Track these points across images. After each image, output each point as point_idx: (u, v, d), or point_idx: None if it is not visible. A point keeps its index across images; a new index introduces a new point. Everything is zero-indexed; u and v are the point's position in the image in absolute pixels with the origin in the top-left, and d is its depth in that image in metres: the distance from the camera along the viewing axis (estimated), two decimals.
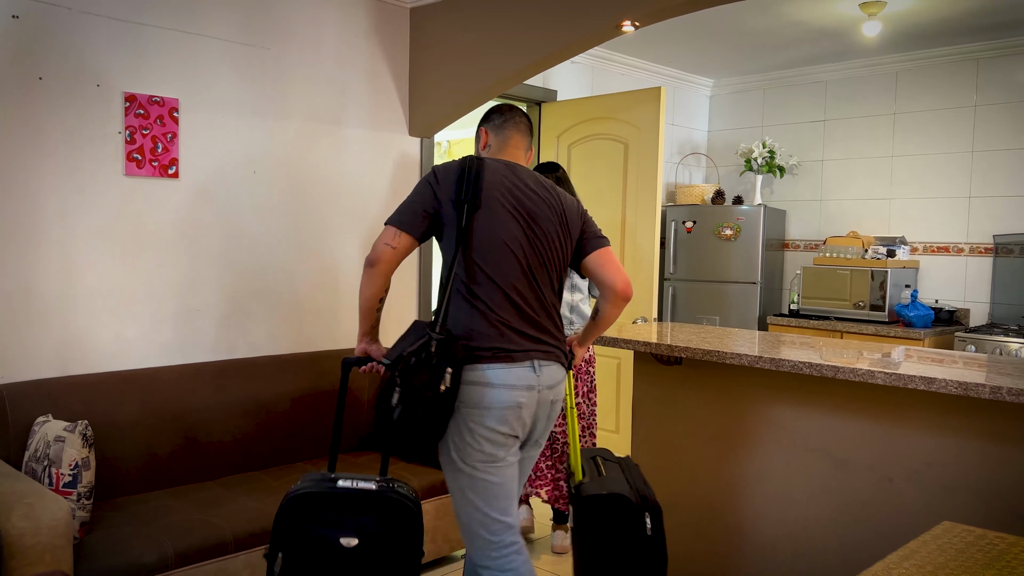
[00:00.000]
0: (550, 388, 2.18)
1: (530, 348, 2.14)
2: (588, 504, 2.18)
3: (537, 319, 2.18)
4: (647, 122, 4.12)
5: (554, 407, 2.23)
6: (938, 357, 2.57)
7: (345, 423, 3.57)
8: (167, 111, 3.14)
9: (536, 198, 2.21)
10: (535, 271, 2.19)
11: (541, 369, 2.15)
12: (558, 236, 2.23)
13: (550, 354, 2.18)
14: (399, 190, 3.99)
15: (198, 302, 3.29)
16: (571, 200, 2.31)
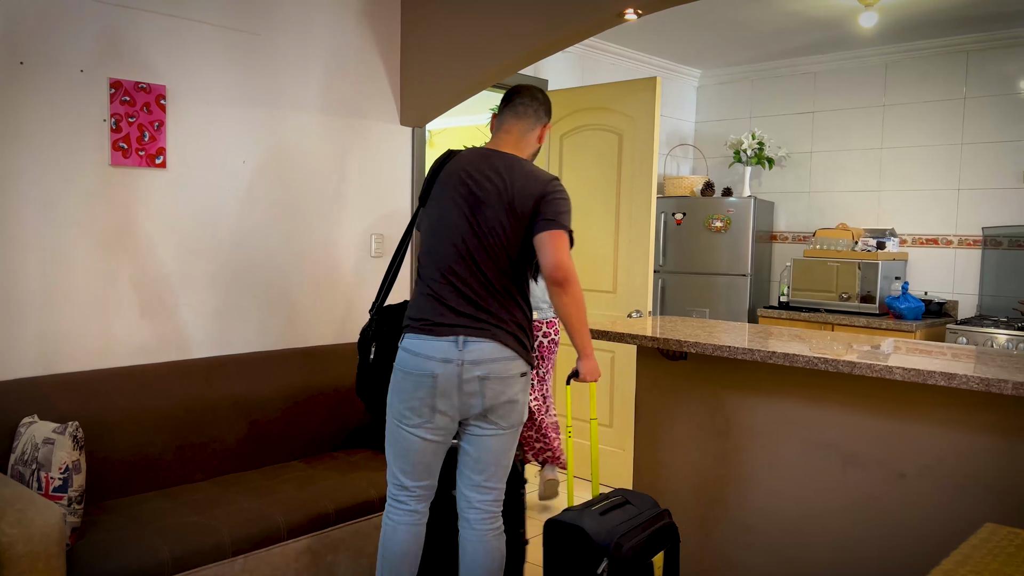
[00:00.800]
0: (475, 364, 2.28)
1: (457, 324, 2.29)
2: (548, 527, 2.27)
3: (475, 299, 2.31)
4: (642, 112, 4.07)
5: (485, 384, 2.29)
6: (945, 351, 2.55)
7: (336, 418, 3.48)
8: (154, 98, 3.02)
9: (488, 186, 2.33)
10: (475, 254, 2.32)
11: (467, 344, 2.28)
12: (500, 221, 2.31)
13: (483, 331, 2.29)
14: (391, 180, 3.90)
15: (187, 296, 3.18)
16: (529, 183, 2.32)
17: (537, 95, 2.52)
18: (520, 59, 3.54)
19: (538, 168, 2.41)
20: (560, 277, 2.27)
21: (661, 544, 2.29)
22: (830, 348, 2.53)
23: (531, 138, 2.50)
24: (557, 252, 2.27)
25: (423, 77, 3.84)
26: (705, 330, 2.91)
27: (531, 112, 2.48)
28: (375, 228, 3.84)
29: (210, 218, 3.23)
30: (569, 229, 2.32)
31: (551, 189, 2.34)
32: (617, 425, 4.26)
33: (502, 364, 2.31)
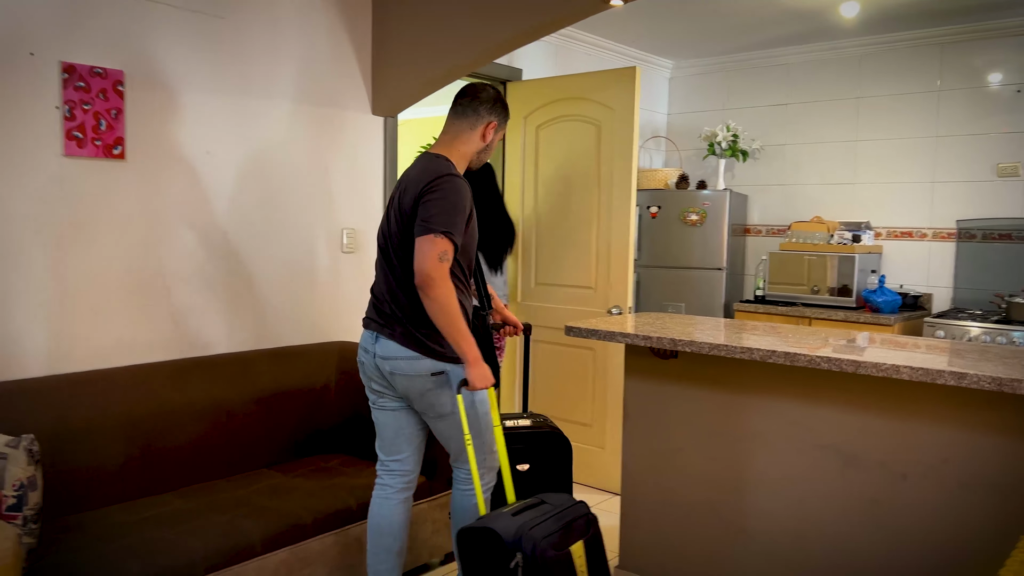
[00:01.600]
0: (384, 359, 2.45)
1: (373, 319, 2.51)
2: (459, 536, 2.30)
3: (386, 298, 2.47)
4: (622, 103, 3.96)
5: (394, 378, 2.46)
6: (943, 347, 2.49)
7: (309, 422, 3.32)
8: (111, 84, 2.82)
9: (399, 189, 2.46)
10: (389, 256, 2.47)
11: (378, 340, 2.47)
12: (394, 222, 2.44)
13: (388, 330, 2.44)
14: (363, 172, 3.73)
15: (150, 296, 2.99)
16: (414, 183, 2.38)
17: (482, 94, 2.52)
18: (498, 47, 3.40)
19: (436, 165, 2.40)
20: (419, 282, 2.30)
21: (579, 534, 2.30)
22: (830, 346, 2.45)
23: (470, 137, 2.51)
24: (420, 257, 2.29)
25: (395, 65, 3.68)
26: (697, 328, 2.81)
27: (470, 112, 2.50)
28: (347, 222, 3.68)
29: (173, 213, 3.04)
30: (441, 230, 2.29)
31: (429, 188, 2.34)
32: (597, 424, 4.16)
33: (406, 363, 2.43)
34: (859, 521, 2.47)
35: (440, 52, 3.53)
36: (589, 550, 2.32)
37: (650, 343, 2.60)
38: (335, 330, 3.66)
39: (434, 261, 2.27)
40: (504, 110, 2.57)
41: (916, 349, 2.44)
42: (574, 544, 2.27)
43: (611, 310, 4.02)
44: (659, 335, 2.60)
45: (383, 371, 2.48)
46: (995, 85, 4.51)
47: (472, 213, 2.43)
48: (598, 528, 2.42)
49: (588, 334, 2.76)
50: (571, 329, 2.84)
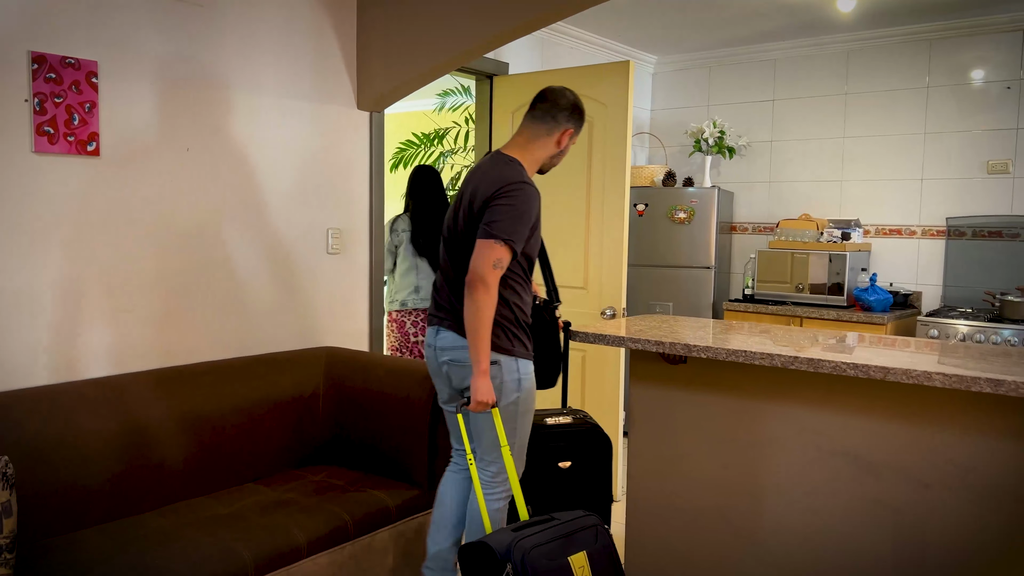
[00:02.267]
0: (442, 350, 2.55)
1: (435, 315, 2.59)
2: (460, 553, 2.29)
3: (448, 294, 2.55)
4: (614, 99, 3.85)
5: (451, 368, 2.54)
6: (959, 350, 2.42)
7: (296, 433, 3.16)
8: (84, 76, 2.63)
9: (468, 188, 2.49)
10: (451, 253, 2.54)
11: (439, 333, 2.56)
12: (461, 219, 2.48)
13: (449, 323, 2.53)
14: (348, 170, 3.57)
15: (126, 301, 2.80)
16: (486, 186, 2.41)
17: (561, 101, 2.53)
18: (488, 41, 3.27)
19: (510, 170, 2.43)
20: (470, 280, 2.37)
21: (582, 545, 2.25)
22: (854, 352, 2.37)
23: (545, 143, 2.54)
24: (477, 259, 2.35)
25: (382, 58, 3.52)
26: (707, 332, 2.71)
27: (549, 118, 2.52)
28: (331, 222, 3.52)
29: (150, 213, 2.86)
30: (502, 237, 2.34)
31: (499, 194, 2.38)
32: None
33: (463, 352, 2.48)
34: (880, 531, 2.39)
35: (429, 45, 3.38)
36: (595, 562, 2.25)
37: (662, 348, 2.50)
38: (321, 335, 3.50)
39: (488, 266, 2.33)
40: (581, 117, 2.58)
41: (935, 352, 2.36)
42: (575, 555, 2.21)
43: (604, 311, 3.92)
44: (671, 340, 2.49)
45: (440, 363, 2.57)
46: (984, 82, 4.49)
47: (538, 219, 2.49)
48: (609, 540, 2.33)
49: (595, 339, 2.64)
50: (575, 334, 2.72)
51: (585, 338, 2.68)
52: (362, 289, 3.67)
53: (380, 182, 3.72)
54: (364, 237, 3.66)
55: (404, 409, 3.04)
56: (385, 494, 2.87)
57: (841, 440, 2.45)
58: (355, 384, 3.21)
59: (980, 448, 2.22)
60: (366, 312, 3.70)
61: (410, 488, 2.96)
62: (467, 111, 5.99)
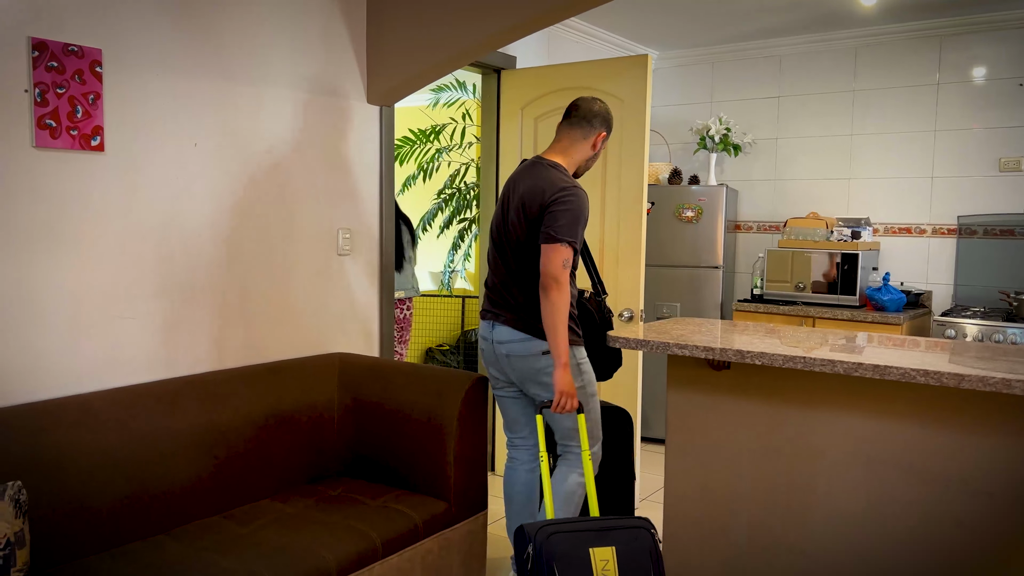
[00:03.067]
0: (500, 343, 2.72)
1: (489, 310, 2.78)
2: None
3: (501, 290, 2.74)
4: (631, 94, 3.73)
5: (510, 360, 2.72)
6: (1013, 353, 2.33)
7: (311, 445, 2.99)
8: (88, 65, 2.44)
9: (518, 191, 2.68)
10: (504, 252, 2.73)
11: (494, 327, 2.75)
12: (517, 223, 2.66)
13: (498, 316, 2.73)
14: (358, 167, 3.40)
15: (129, 307, 2.62)
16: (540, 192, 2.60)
17: (595, 107, 2.76)
18: (504, 33, 3.12)
19: (560, 177, 2.64)
20: (544, 284, 2.56)
21: (610, 541, 2.29)
22: (919, 357, 2.26)
23: (582, 147, 2.76)
24: (546, 263, 2.55)
25: (393, 50, 3.36)
26: (753, 336, 2.60)
27: (584, 123, 2.74)
28: (342, 222, 3.35)
29: (157, 213, 2.67)
30: (566, 240, 2.55)
31: (556, 199, 2.58)
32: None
33: (520, 344, 2.67)
34: (940, 543, 2.30)
35: (442, 37, 3.23)
36: (626, 560, 2.26)
37: (712, 355, 2.38)
38: (333, 341, 3.33)
39: (559, 267, 2.54)
40: (611, 121, 2.81)
41: (995, 357, 2.27)
42: (599, 548, 2.26)
43: (622, 313, 3.79)
44: (722, 346, 2.37)
45: (499, 356, 2.74)
46: (996, 79, 4.45)
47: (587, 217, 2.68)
48: (652, 544, 2.30)
49: (637, 345, 2.52)
50: (613, 339, 2.59)
51: (626, 344, 2.55)
52: (373, 292, 3.51)
53: (391, 179, 3.55)
54: (375, 237, 3.50)
55: (425, 418, 2.89)
56: (410, 509, 2.71)
57: (897, 450, 2.34)
58: (372, 392, 3.05)
59: None
60: (377, 316, 3.54)
61: (436, 501, 2.81)
62: (463, 107, 5.84)
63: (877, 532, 2.39)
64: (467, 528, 2.89)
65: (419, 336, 6.13)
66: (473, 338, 5.96)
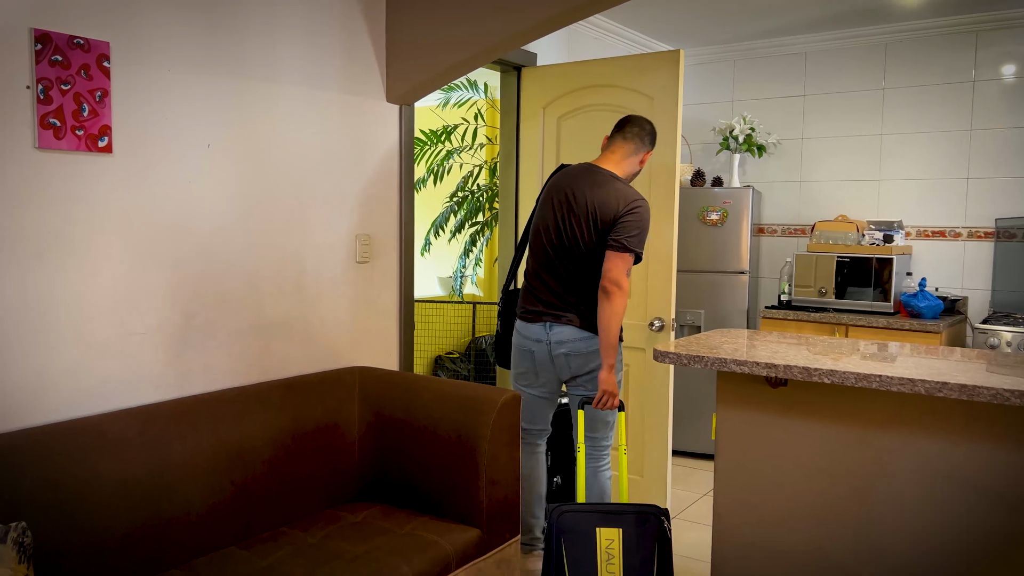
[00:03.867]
0: (560, 343, 2.89)
1: (545, 312, 2.91)
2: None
3: (559, 291, 2.88)
4: (662, 91, 3.55)
5: (569, 359, 2.90)
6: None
7: (333, 466, 2.80)
8: (95, 59, 2.25)
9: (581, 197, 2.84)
10: (562, 255, 2.86)
11: (551, 328, 2.90)
12: (584, 228, 2.82)
13: (562, 319, 2.88)
14: (377, 169, 3.22)
15: (140, 321, 2.42)
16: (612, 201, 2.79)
17: (646, 126, 2.96)
18: (528, 30, 2.94)
19: (628, 188, 2.84)
20: (607, 288, 2.76)
21: (616, 523, 2.51)
22: (1007, 378, 2.08)
23: (633, 161, 2.96)
24: (613, 270, 2.75)
25: (413, 46, 3.17)
26: (814, 350, 2.42)
27: (638, 140, 2.94)
28: (361, 227, 3.16)
29: (167, 219, 2.48)
30: (633, 251, 2.77)
31: (628, 210, 2.78)
32: (633, 447, 3.74)
33: (582, 343, 2.87)
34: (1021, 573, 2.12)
35: (465, 33, 3.04)
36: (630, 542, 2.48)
37: (774, 372, 2.19)
38: (350, 354, 3.14)
39: (623, 275, 2.75)
40: (655, 141, 3.03)
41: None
42: (605, 528, 2.49)
43: (652, 323, 3.61)
44: (784, 363, 2.19)
45: (555, 356, 2.90)
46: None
47: None
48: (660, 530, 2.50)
49: (690, 361, 2.33)
50: (663, 355, 2.41)
51: (677, 360, 2.37)
52: (392, 302, 3.32)
53: (410, 183, 3.37)
54: (394, 244, 3.31)
55: (455, 437, 2.70)
56: (441, 538, 2.52)
57: (977, 474, 2.17)
58: (396, 410, 2.86)
59: None
60: (396, 327, 3.35)
61: (467, 528, 2.62)
62: (475, 107, 5.65)
63: (950, 562, 2.21)
64: (500, 556, 2.70)
65: (428, 343, 5.93)
66: (483, 345, 5.77)
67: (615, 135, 2.95)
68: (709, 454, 4.75)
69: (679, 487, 4.26)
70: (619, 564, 2.46)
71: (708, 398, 4.69)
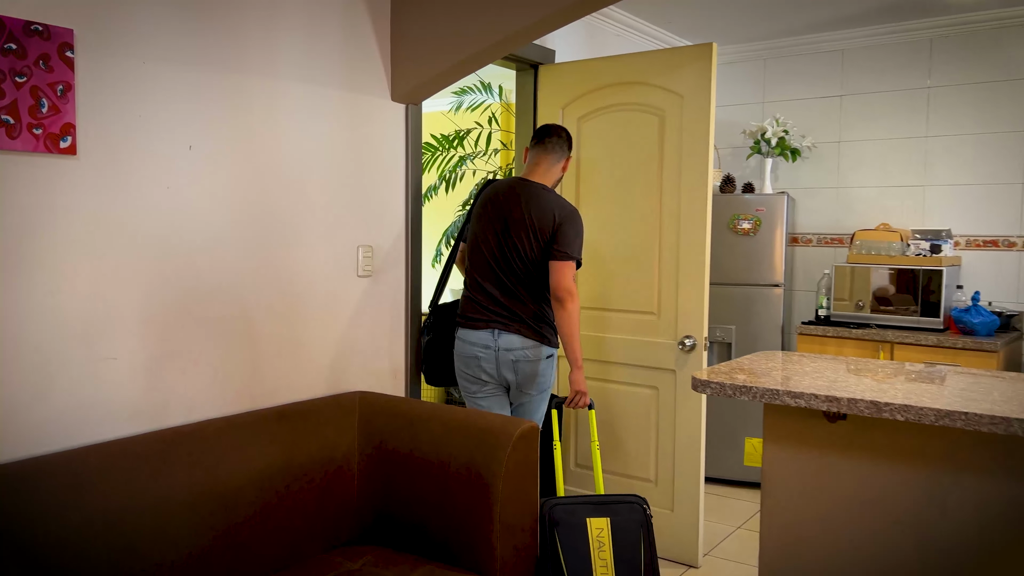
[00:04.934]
0: (508, 350, 2.91)
1: (489, 320, 2.92)
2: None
3: (502, 300, 2.92)
4: (692, 90, 3.25)
5: (518, 365, 2.92)
6: None
7: (330, 505, 2.51)
8: (55, 48, 1.98)
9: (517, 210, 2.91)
10: (503, 265, 2.92)
11: (500, 335, 2.91)
12: (524, 240, 2.89)
13: (507, 326, 2.91)
14: (382, 174, 2.94)
15: (111, 344, 2.14)
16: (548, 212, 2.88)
17: (562, 133, 3.05)
18: (543, 20, 2.65)
19: (560, 198, 2.95)
20: (559, 296, 2.85)
21: (606, 513, 2.64)
22: None
23: (556, 169, 3.05)
24: (562, 278, 2.85)
25: (420, 40, 2.90)
26: (877, 378, 2.10)
27: (557, 148, 3.03)
28: (363, 238, 2.87)
29: (142, 230, 2.20)
30: (575, 257, 2.87)
31: (566, 220, 2.89)
32: (663, 480, 3.42)
33: (531, 350, 2.92)
34: None
35: (475, 24, 2.76)
36: (619, 530, 2.62)
37: (835, 407, 1.88)
38: (350, 378, 2.85)
39: (572, 281, 2.85)
40: (572, 144, 3.11)
41: None
42: (595, 518, 2.60)
43: (683, 341, 3.30)
44: (847, 396, 1.88)
45: (502, 362, 2.92)
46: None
47: None
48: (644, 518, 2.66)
49: (735, 392, 2.02)
50: (703, 384, 2.10)
51: (721, 390, 2.06)
52: (398, 319, 3.03)
53: (418, 189, 3.08)
54: (400, 256, 3.03)
55: (465, 475, 2.41)
56: None
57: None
58: (399, 440, 2.57)
59: None
60: (403, 348, 3.06)
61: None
62: (488, 110, 5.37)
63: None
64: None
65: None
66: None
67: (536, 148, 3.03)
68: (741, 481, 4.42)
69: (710, 518, 3.94)
70: (609, 550, 2.60)
71: (739, 419, 4.37)
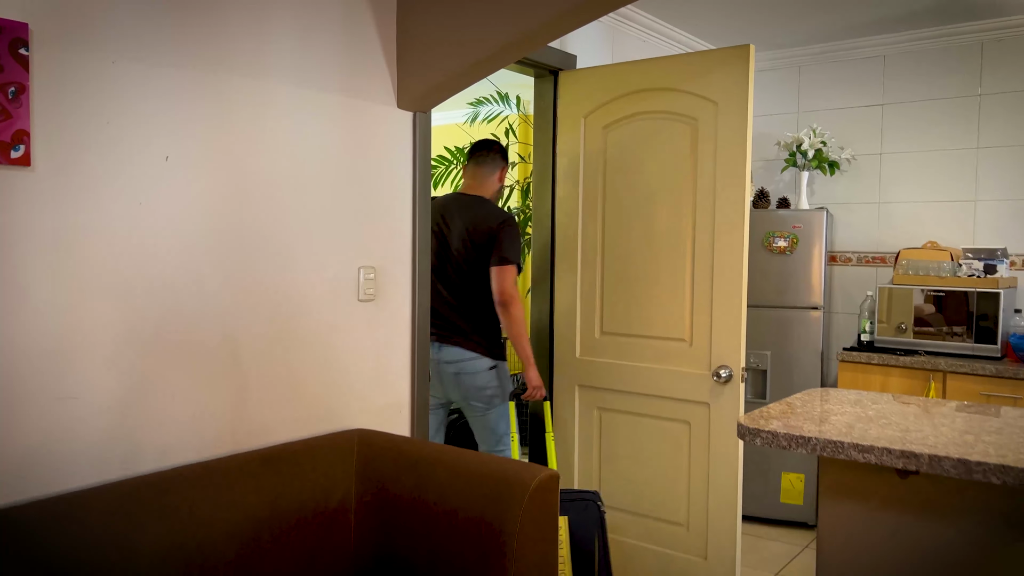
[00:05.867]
0: (449, 363, 3.03)
1: (435, 332, 3.05)
2: None
3: (445, 314, 3.04)
4: (728, 96, 2.96)
5: (459, 378, 3.03)
6: None
7: (321, 559, 2.23)
8: (6, 45, 1.73)
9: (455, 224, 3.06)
10: (447, 279, 3.06)
11: (441, 348, 3.05)
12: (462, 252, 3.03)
13: (448, 338, 3.04)
14: (387, 187, 2.67)
15: (71, 381, 1.88)
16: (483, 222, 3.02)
17: (493, 146, 3.21)
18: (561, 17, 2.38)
19: (495, 207, 3.10)
20: (503, 301, 2.96)
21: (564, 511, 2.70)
22: None
23: (492, 180, 3.19)
24: (503, 283, 2.95)
25: (429, 42, 2.64)
26: (957, 422, 1.79)
27: (490, 161, 3.18)
28: (365, 258, 2.60)
29: (110, 249, 1.94)
30: (515, 262, 2.98)
31: (501, 227, 3.00)
32: (695, 525, 3.11)
33: (470, 363, 3.00)
34: None
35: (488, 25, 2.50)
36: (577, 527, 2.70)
37: (914, 465, 1.57)
38: (348, 414, 2.57)
39: (513, 286, 2.94)
40: (507, 153, 3.28)
41: None
42: None
43: (719, 372, 2.99)
44: (928, 452, 1.57)
45: (444, 375, 3.01)
46: None
47: None
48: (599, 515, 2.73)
49: (790, 443, 1.72)
50: (751, 432, 1.80)
51: (773, 440, 1.76)
52: (403, 348, 2.75)
53: (426, 204, 2.81)
54: (406, 278, 2.75)
55: (475, 529, 2.12)
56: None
57: None
58: (402, 485, 2.29)
59: None
60: (408, 380, 2.77)
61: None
62: (506, 122, 5.11)
63: None
64: None
65: None
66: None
67: (470, 163, 3.20)
68: (777, 519, 4.09)
69: (744, 562, 3.62)
70: (567, 548, 2.64)
71: (775, 452, 4.05)
